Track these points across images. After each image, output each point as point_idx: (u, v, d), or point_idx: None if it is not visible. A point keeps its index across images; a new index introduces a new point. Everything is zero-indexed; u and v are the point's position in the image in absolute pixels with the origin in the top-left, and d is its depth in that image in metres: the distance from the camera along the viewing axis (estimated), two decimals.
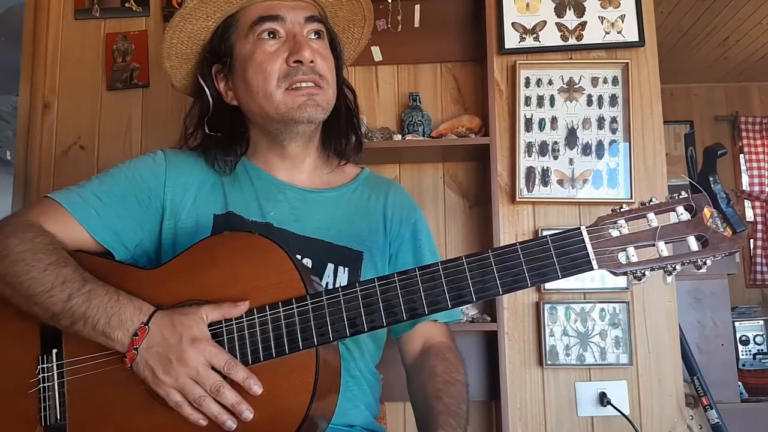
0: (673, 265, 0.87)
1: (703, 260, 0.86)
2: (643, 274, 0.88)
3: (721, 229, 0.86)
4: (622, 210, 0.89)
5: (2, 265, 0.99)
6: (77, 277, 0.98)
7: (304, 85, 1.11)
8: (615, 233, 0.88)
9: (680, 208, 0.88)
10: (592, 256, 0.88)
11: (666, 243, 0.87)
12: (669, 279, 0.88)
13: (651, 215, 0.88)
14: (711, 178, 0.86)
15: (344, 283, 1.13)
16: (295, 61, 1.11)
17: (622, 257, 0.88)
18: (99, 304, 0.94)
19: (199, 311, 0.94)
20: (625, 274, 0.88)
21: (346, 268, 1.14)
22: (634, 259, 0.88)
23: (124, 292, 0.97)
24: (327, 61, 1.15)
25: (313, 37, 1.16)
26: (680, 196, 0.88)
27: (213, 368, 0.91)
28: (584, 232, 0.89)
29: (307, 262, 1.12)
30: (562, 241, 0.89)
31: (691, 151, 3.64)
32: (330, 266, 1.14)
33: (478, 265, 0.91)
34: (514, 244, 0.91)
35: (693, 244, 0.86)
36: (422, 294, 0.91)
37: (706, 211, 0.86)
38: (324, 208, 1.19)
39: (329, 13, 1.23)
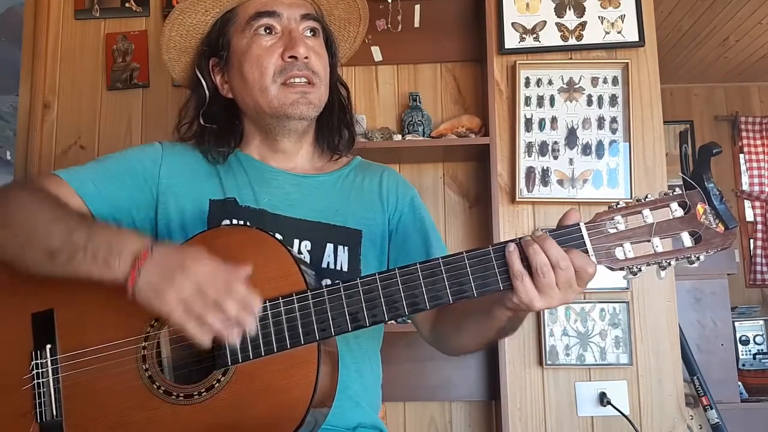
0: (668, 261, 0.88)
1: (696, 256, 0.88)
2: (639, 269, 0.89)
3: (714, 225, 0.87)
4: (618, 206, 0.90)
5: (3, 209, 1.01)
6: (75, 215, 1.01)
7: (297, 80, 1.13)
8: (612, 229, 0.89)
9: (674, 205, 0.89)
10: (591, 251, 0.89)
11: (661, 239, 0.88)
12: (663, 274, 0.89)
13: (646, 211, 0.89)
14: (705, 176, 0.88)
15: (345, 263, 1.14)
16: (290, 57, 1.12)
17: (619, 253, 0.89)
18: (101, 234, 0.95)
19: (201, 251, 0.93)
20: (621, 269, 0.90)
21: (346, 247, 1.15)
22: (630, 254, 0.89)
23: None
24: (321, 59, 1.17)
25: (309, 34, 1.18)
26: (674, 193, 0.89)
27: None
28: (583, 228, 0.90)
29: (306, 244, 1.13)
30: (562, 237, 0.90)
31: (685, 148, 3.66)
32: (329, 246, 1.14)
33: (479, 261, 0.91)
34: (515, 240, 0.91)
35: (686, 239, 0.88)
36: (423, 289, 0.91)
37: (700, 208, 0.87)
38: (318, 192, 1.20)
39: (325, 12, 1.25)
